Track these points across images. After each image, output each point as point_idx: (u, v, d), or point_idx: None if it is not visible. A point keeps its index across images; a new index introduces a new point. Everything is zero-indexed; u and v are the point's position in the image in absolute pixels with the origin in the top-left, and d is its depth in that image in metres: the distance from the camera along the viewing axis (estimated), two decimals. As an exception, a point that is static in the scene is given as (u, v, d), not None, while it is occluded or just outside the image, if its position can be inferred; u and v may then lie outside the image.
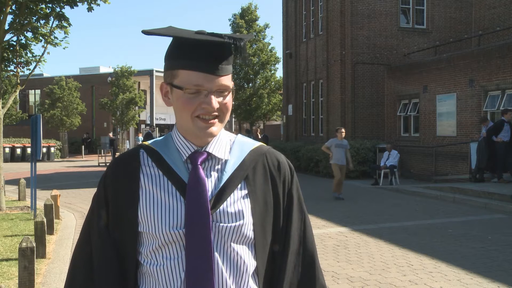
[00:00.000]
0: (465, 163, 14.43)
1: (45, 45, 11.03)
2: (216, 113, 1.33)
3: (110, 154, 27.89)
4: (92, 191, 14.52)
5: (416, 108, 17.28)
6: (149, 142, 1.47)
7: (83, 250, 1.42)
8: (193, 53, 1.31)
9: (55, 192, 9.64)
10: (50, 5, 10.53)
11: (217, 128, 1.35)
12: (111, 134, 29.09)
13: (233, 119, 41.44)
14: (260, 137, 19.96)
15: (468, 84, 14.68)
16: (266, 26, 31.09)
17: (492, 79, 13.85)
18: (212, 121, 1.33)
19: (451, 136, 15.37)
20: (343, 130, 12.24)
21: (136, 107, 33.28)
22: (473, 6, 19.59)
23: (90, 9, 10.67)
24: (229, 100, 1.36)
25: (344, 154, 11.96)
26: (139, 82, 39.29)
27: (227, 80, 1.34)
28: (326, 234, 8.03)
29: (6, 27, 10.10)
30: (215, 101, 1.31)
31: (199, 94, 1.31)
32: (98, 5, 10.66)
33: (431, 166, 15.82)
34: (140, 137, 25.47)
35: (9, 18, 10.24)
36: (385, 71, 18.92)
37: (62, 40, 11.28)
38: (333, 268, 6.09)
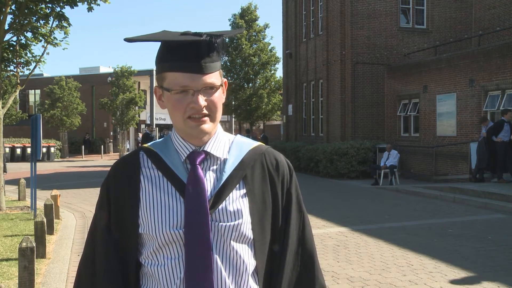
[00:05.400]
0: (465, 163, 14.42)
1: (45, 45, 11.04)
2: (205, 112, 1.34)
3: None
4: (92, 191, 14.56)
5: (416, 108, 17.28)
6: (149, 144, 1.49)
7: (90, 252, 1.45)
8: (175, 55, 1.33)
9: (55, 192, 9.63)
10: (50, 5, 10.53)
11: (209, 126, 1.36)
12: None
13: (233, 119, 41.44)
14: (259, 137, 19.95)
15: (468, 84, 14.68)
16: (266, 26, 31.10)
17: (492, 79, 13.84)
18: (202, 119, 1.35)
19: (451, 136, 15.36)
20: None
21: (136, 107, 33.29)
22: (473, 6, 19.58)
23: (90, 9, 10.66)
24: (217, 97, 1.37)
25: None
26: (139, 82, 39.29)
27: (213, 78, 1.35)
28: (326, 234, 8.03)
29: (6, 27, 10.10)
30: (202, 100, 1.33)
31: (186, 94, 1.33)
32: (98, 5, 10.66)
33: (431, 166, 15.82)
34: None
35: (9, 18, 10.25)
36: (385, 71, 18.92)
37: (62, 40, 11.29)
38: (333, 268, 6.09)
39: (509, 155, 12.55)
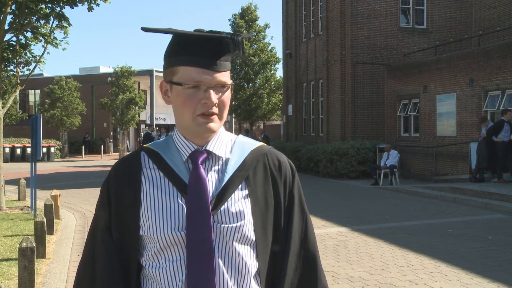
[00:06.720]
0: (465, 163, 14.42)
1: (45, 45, 11.04)
2: (215, 110, 1.33)
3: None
4: (92, 191, 14.54)
5: (416, 108, 17.28)
6: (150, 144, 1.47)
7: (89, 253, 1.44)
8: (192, 49, 1.32)
9: (55, 192, 9.63)
10: (50, 5, 10.52)
11: (216, 124, 1.35)
12: None
13: (233, 119, 41.42)
14: (260, 137, 19.94)
15: (468, 84, 14.68)
16: (266, 26, 31.10)
17: (492, 79, 13.84)
18: (211, 117, 1.34)
19: (451, 136, 15.37)
20: None
21: (136, 107, 33.29)
22: (473, 6, 19.58)
23: (90, 9, 10.66)
24: (227, 96, 1.37)
25: None
26: (139, 82, 39.28)
27: (225, 76, 1.35)
28: (326, 234, 8.03)
29: (6, 27, 10.10)
30: (214, 96, 1.32)
31: (198, 90, 1.32)
32: (98, 5, 10.64)
33: (431, 166, 15.81)
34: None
35: (9, 18, 10.25)
36: (385, 71, 18.91)
37: (62, 41, 11.29)
38: (333, 268, 6.09)
39: (509, 155, 12.56)
